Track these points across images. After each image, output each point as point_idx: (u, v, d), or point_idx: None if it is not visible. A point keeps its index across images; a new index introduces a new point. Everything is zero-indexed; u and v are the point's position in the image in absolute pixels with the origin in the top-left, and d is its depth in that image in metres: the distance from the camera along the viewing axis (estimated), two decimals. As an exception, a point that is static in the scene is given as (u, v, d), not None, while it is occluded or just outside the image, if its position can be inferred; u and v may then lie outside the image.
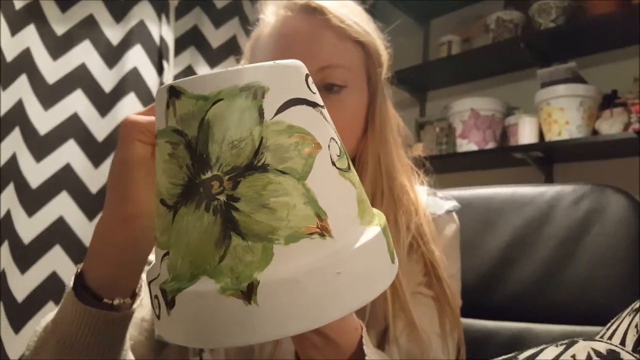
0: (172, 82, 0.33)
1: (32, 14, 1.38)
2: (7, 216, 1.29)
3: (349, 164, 0.37)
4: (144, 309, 0.63)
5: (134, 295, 0.49)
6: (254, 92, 0.32)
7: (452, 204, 0.75)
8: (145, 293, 0.56)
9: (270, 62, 0.33)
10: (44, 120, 1.38)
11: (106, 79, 1.47)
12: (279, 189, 0.31)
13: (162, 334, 0.34)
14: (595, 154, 1.81)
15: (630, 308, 0.46)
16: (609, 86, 1.76)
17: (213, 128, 0.31)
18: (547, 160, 1.90)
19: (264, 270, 0.30)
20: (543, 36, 1.85)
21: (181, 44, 1.68)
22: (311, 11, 0.63)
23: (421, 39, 2.43)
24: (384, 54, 0.70)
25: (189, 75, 1.65)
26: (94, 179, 1.41)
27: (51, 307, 1.28)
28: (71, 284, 0.46)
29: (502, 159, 1.96)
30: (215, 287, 0.30)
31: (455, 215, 0.76)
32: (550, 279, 0.81)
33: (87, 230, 1.37)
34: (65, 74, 1.43)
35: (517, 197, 0.89)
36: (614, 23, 1.70)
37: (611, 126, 1.66)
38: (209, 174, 0.31)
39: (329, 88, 0.63)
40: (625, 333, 0.42)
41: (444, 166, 2.05)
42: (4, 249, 1.27)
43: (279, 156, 0.32)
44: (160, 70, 1.54)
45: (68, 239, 1.35)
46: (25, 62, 1.36)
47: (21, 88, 1.34)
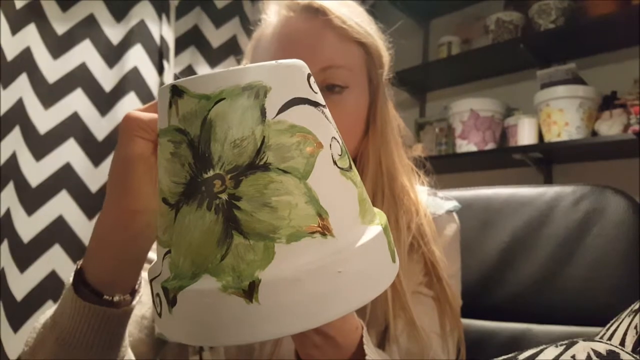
0: (174, 82, 0.33)
1: (33, 13, 1.38)
2: (7, 215, 1.29)
3: (350, 164, 0.37)
4: (143, 306, 0.63)
5: (133, 291, 0.49)
6: (256, 92, 0.32)
7: (453, 204, 0.75)
8: (145, 290, 0.57)
9: (272, 62, 0.33)
10: (44, 119, 1.38)
11: (106, 78, 1.48)
12: (280, 188, 0.31)
13: (163, 332, 0.34)
14: (594, 155, 1.81)
15: (629, 309, 0.46)
16: (608, 87, 1.76)
17: (215, 127, 0.32)
18: (547, 161, 1.91)
19: (265, 269, 0.30)
20: (543, 37, 1.86)
21: (181, 44, 1.69)
22: (313, 12, 0.64)
23: (421, 40, 2.44)
24: (385, 55, 0.70)
25: (189, 74, 1.66)
26: (94, 178, 1.41)
27: (50, 306, 1.28)
28: (71, 280, 0.46)
29: (502, 159, 1.96)
30: (216, 286, 0.30)
31: (455, 215, 0.76)
32: (549, 280, 0.81)
33: (87, 230, 1.37)
34: (65, 73, 1.43)
35: (517, 198, 0.89)
36: (613, 24, 1.70)
37: (610, 127, 1.66)
38: (211, 172, 0.31)
39: (331, 88, 0.63)
40: (625, 334, 0.43)
41: (444, 167, 2.06)
42: (4, 247, 1.27)
43: (281, 155, 0.32)
44: (160, 69, 1.54)
45: (67, 238, 1.35)
46: (25, 61, 1.36)
47: (21, 87, 1.35)
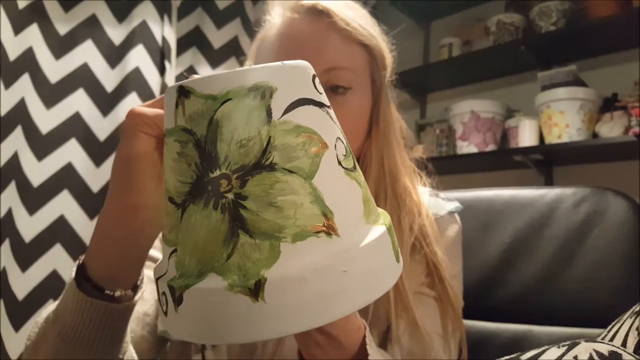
0: (181, 82, 0.33)
1: (35, 13, 1.39)
2: (9, 214, 1.29)
3: (354, 164, 0.37)
4: (146, 303, 0.63)
5: (135, 287, 0.49)
6: (262, 92, 0.32)
7: (455, 205, 0.76)
8: (148, 287, 0.57)
9: (278, 63, 0.34)
10: (45, 119, 1.38)
11: (108, 78, 1.48)
12: (286, 188, 0.32)
13: (169, 330, 0.34)
14: (595, 157, 1.81)
15: (631, 311, 0.46)
16: (609, 89, 1.77)
17: (222, 127, 0.32)
18: (547, 163, 1.91)
19: (271, 268, 0.31)
20: (544, 39, 1.86)
21: (183, 45, 1.69)
22: (317, 13, 0.64)
23: (422, 41, 2.44)
24: (389, 57, 0.70)
25: (191, 75, 1.66)
26: (95, 178, 1.41)
27: (52, 305, 1.28)
28: (73, 274, 0.46)
29: (502, 161, 1.96)
30: (223, 284, 0.30)
31: (457, 216, 0.76)
32: (550, 281, 0.81)
33: (88, 230, 1.37)
34: (67, 73, 1.43)
35: (518, 199, 0.89)
36: (614, 26, 1.71)
37: (611, 129, 1.67)
38: (217, 172, 0.32)
39: (334, 89, 0.63)
40: (627, 335, 0.43)
41: (444, 168, 2.06)
42: (5, 247, 1.27)
43: (287, 155, 0.32)
44: (162, 70, 1.54)
45: (69, 238, 1.35)
46: (27, 61, 1.36)
47: (23, 87, 1.35)
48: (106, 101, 1.46)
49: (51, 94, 1.40)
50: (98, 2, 1.50)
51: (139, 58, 1.48)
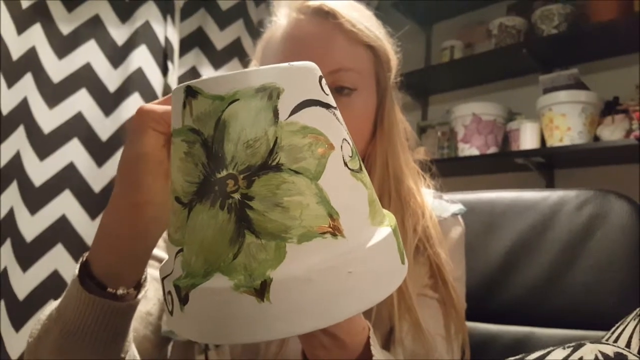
0: (189, 82, 0.33)
1: (38, 13, 1.39)
2: (10, 214, 1.29)
3: (360, 165, 0.37)
4: (149, 302, 0.63)
5: (138, 286, 0.49)
6: (270, 93, 0.32)
7: (458, 207, 0.76)
8: (151, 286, 0.57)
9: (285, 64, 0.34)
10: (48, 119, 1.38)
11: (111, 78, 1.48)
12: (292, 189, 0.32)
13: (174, 329, 0.34)
14: (596, 160, 1.81)
15: (634, 313, 0.46)
16: (610, 93, 1.77)
17: (229, 127, 0.32)
18: (549, 165, 1.91)
19: (276, 268, 0.31)
20: (545, 42, 1.86)
21: (186, 45, 1.69)
22: (324, 15, 0.64)
23: (424, 44, 2.44)
24: (393, 59, 0.70)
25: (193, 76, 1.66)
26: (97, 178, 1.41)
27: (53, 305, 1.28)
28: (76, 272, 0.46)
29: (504, 164, 1.97)
30: (229, 284, 0.31)
31: (460, 219, 0.76)
32: (553, 284, 0.81)
33: (90, 230, 1.37)
34: (70, 73, 1.43)
35: (521, 202, 0.89)
36: (616, 30, 1.71)
37: (612, 133, 1.67)
38: (224, 172, 0.32)
39: (340, 91, 0.63)
40: (631, 337, 0.43)
41: (445, 170, 2.05)
42: (6, 246, 1.27)
43: (293, 156, 0.32)
44: (164, 70, 1.54)
45: (70, 238, 1.35)
46: (30, 60, 1.36)
47: (26, 86, 1.35)
48: (109, 101, 1.46)
49: (54, 93, 1.40)
50: (101, 2, 1.50)
51: (141, 58, 1.48)
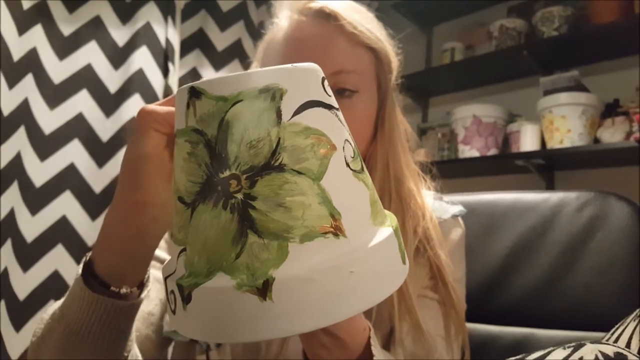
0: (192, 83, 0.33)
1: (40, 14, 1.39)
2: (11, 214, 1.29)
3: (362, 166, 0.37)
4: (151, 302, 0.64)
5: (141, 286, 0.49)
6: (273, 94, 0.32)
7: (458, 209, 0.76)
8: (153, 286, 0.57)
9: (288, 65, 0.34)
10: (49, 119, 1.38)
11: (112, 79, 1.48)
12: (295, 189, 0.32)
13: (177, 328, 0.34)
14: (596, 162, 1.81)
15: (634, 314, 0.46)
16: (611, 95, 1.77)
17: (232, 128, 0.32)
18: (549, 167, 1.91)
19: (279, 268, 0.31)
20: (546, 44, 1.87)
21: (186, 46, 1.69)
22: (325, 17, 0.64)
23: (424, 45, 2.45)
24: (395, 60, 0.71)
25: (194, 77, 1.66)
26: (98, 179, 1.41)
27: (53, 306, 1.28)
28: (80, 271, 0.47)
29: (504, 165, 1.97)
30: (231, 283, 0.31)
31: (461, 220, 0.77)
32: (553, 285, 0.81)
33: (90, 230, 1.37)
34: (71, 74, 1.43)
35: (521, 203, 0.89)
36: (616, 32, 1.71)
37: (613, 135, 1.67)
38: (227, 172, 0.32)
39: (341, 92, 0.63)
40: (630, 338, 0.43)
41: (446, 172, 2.05)
42: (7, 247, 1.28)
43: (296, 157, 0.32)
44: (165, 72, 1.55)
45: (70, 239, 1.35)
46: (31, 61, 1.36)
47: (27, 87, 1.35)
48: (109, 102, 1.46)
49: (54, 94, 1.40)
50: (102, 4, 1.50)
51: (142, 59, 1.49)
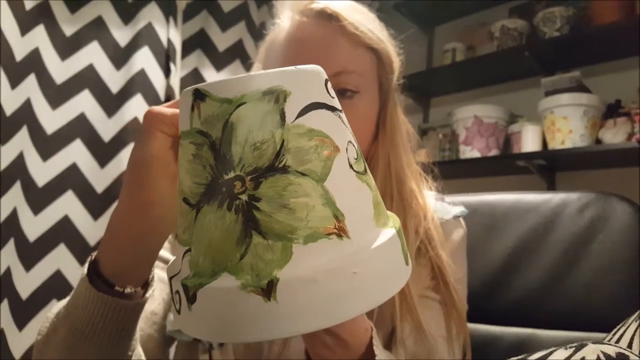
0: (197, 85, 0.34)
1: (42, 14, 1.39)
2: (13, 214, 1.30)
3: (365, 167, 0.37)
4: (154, 302, 0.64)
5: (146, 285, 0.49)
6: (277, 96, 0.33)
7: (460, 210, 0.76)
8: (157, 286, 0.57)
9: (292, 67, 0.34)
10: (51, 119, 1.38)
11: (113, 80, 1.48)
12: (298, 190, 0.32)
13: (182, 328, 0.35)
14: (598, 163, 1.81)
15: (636, 314, 0.47)
16: (612, 96, 1.77)
17: (236, 130, 0.32)
18: (550, 168, 1.91)
19: (283, 269, 0.31)
20: (547, 45, 1.86)
21: (188, 47, 1.69)
22: (327, 17, 0.64)
23: (425, 46, 2.45)
24: (396, 61, 0.71)
25: (195, 77, 1.67)
26: (100, 178, 1.41)
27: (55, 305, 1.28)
28: (85, 270, 0.47)
29: (505, 166, 1.97)
30: (236, 284, 0.31)
31: (462, 221, 0.77)
32: (554, 286, 0.81)
33: (92, 230, 1.37)
34: (73, 74, 1.43)
35: (522, 204, 0.90)
36: (618, 33, 1.71)
37: (614, 136, 1.67)
38: (231, 174, 0.32)
39: (342, 93, 0.64)
40: (632, 339, 0.43)
41: (446, 172, 2.05)
42: (9, 246, 1.28)
43: (299, 158, 0.33)
44: (167, 72, 1.55)
45: (73, 238, 1.35)
46: (34, 62, 1.37)
47: (29, 87, 1.35)
48: (111, 102, 1.46)
49: (57, 94, 1.40)
50: (104, 4, 1.50)
51: (144, 60, 1.49)
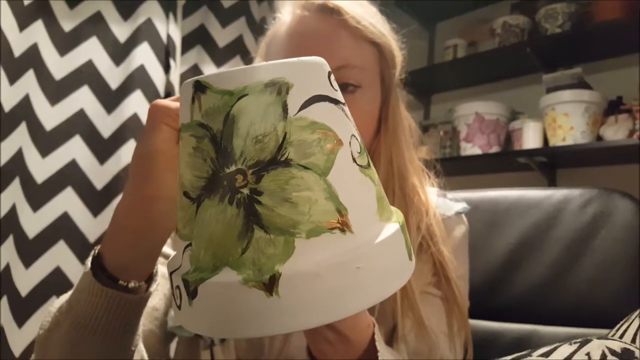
0: (197, 77, 0.33)
1: (41, 10, 1.38)
2: (12, 210, 1.29)
3: (368, 161, 0.37)
4: (155, 297, 0.64)
5: (149, 280, 0.49)
6: (279, 88, 0.32)
7: (462, 206, 0.76)
8: (159, 282, 0.57)
9: (294, 59, 0.34)
10: (50, 115, 1.38)
11: (113, 76, 1.48)
12: (301, 184, 0.32)
13: (183, 324, 0.34)
14: (599, 160, 1.81)
15: (639, 310, 0.46)
16: (614, 92, 1.77)
17: (238, 123, 0.32)
18: (551, 165, 1.91)
19: (285, 263, 0.31)
20: (549, 41, 1.86)
21: (188, 43, 1.68)
22: (328, 11, 0.64)
23: (427, 42, 2.44)
24: (398, 55, 0.70)
25: (195, 73, 1.66)
26: (99, 175, 1.41)
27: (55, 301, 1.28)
28: (89, 264, 0.47)
29: (506, 163, 1.96)
30: (237, 278, 0.31)
31: (464, 217, 0.76)
32: (556, 282, 0.81)
33: (92, 226, 1.37)
34: (72, 70, 1.43)
35: (524, 200, 0.89)
36: (620, 29, 1.71)
37: (616, 132, 1.67)
38: (233, 167, 0.32)
39: (344, 88, 0.63)
40: (635, 335, 0.43)
41: (447, 169, 2.05)
42: (9, 243, 1.27)
43: (302, 152, 0.32)
44: (166, 68, 1.54)
45: (72, 235, 1.35)
46: (32, 57, 1.36)
47: (28, 83, 1.35)
48: (111, 98, 1.45)
49: (56, 90, 1.39)
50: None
51: (143, 56, 1.48)
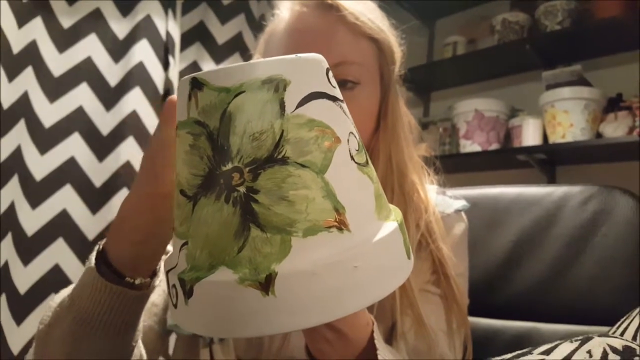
0: (194, 74, 0.33)
1: (39, 6, 1.38)
2: (11, 208, 1.29)
3: (366, 159, 0.37)
4: (154, 293, 0.64)
5: (152, 275, 0.49)
6: (276, 85, 0.32)
7: (462, 203, 0.76)
8: (161, 278, 0.57)
9: (292, 56, 0.33)
10: (49, 113, 1.37)
11: (112, 73, 1.47)
12: (298, 182, 0.31)
13: (179, 323, 0.34)
14: (598, 157, 1.81)
15: (640, 308, 0.46)
16: (614, 89, 1.76)
17: (234, 120, 0.31)
18: (550, 162, 1.91)
19: (281, 262, 0.30)
20: (549, 38, 1.86)
21: (187, 40, 1.68)
22: (327, 8, 0.63)
23: (426, 39, 2.43)
24: (397, 51, 0.70)
25: (194, 70, 1.66)
26: (98, 172, 1.41)
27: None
28: (93, 260, 0.46)
29: (505, 160, 1.96)
30: (233, 278, 0.30)
31: (464, 215, 0.76)
32: (556, 279, 0.81)
33: (90, 224, 1.37)
34: (71, 67, 1.42)
35: (524, 197, 0.89)
36: (620, 26, 1.70)
37: (615, 129, 1.66)
38: (229, 165, 0.31)
39: (343, 84, 0.63)
40: (636, 332, 0.43)
41: (447, 166, 2.05)
42: (7, 240, 1.27)
43: (299, 149, 0.32)
44: (166, 65, 1.54)
45: (71, 232, 1.35)
46: (31, 54, 1.35)
47: (27, 80, 1.34)
48: (109, 95, 1.45)
49: (54, 87, 1.39)
50: (102, -4, 1.49)
51: (142, 53, 1.48)
